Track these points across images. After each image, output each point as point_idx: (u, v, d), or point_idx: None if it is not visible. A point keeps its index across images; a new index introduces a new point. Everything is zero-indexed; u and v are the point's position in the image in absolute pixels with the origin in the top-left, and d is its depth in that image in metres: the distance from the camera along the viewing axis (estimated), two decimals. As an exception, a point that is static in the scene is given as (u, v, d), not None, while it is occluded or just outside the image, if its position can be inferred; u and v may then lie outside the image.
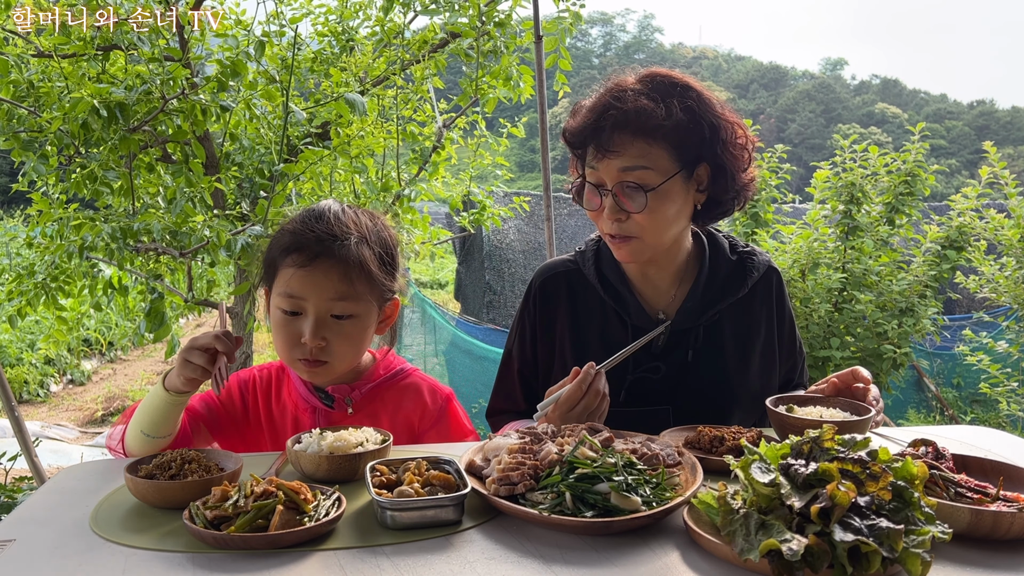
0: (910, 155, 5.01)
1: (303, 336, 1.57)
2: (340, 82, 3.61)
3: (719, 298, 1.77)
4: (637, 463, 1.26)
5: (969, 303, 8.68)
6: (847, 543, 0.93)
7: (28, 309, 3.58)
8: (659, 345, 1.75)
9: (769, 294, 1.84)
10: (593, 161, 1.63)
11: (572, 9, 3.82)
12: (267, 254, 1.66)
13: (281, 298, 1.59)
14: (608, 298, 1.78)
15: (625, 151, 1.58)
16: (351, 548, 1.10)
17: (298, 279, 1.56)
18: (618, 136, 1.58)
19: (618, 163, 1.59)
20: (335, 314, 1.59)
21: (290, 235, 1.61)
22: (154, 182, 3.68)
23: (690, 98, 1.61)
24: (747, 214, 5.53)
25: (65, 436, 6.98)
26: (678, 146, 1.60)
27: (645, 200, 1.58)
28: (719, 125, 1.63)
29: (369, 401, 1.72)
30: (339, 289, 1.57)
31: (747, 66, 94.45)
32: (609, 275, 1.79)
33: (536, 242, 9.31)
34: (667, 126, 1.57)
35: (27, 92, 3.22)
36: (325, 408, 1.70)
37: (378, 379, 1.74)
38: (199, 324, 12.07)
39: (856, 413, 1.54)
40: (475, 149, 4.37)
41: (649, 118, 1.56)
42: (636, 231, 1.63)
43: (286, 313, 1.59)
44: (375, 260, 1.61)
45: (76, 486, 1.38)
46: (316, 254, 1.56)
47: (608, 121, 1.58)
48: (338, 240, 1.58)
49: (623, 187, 1.59)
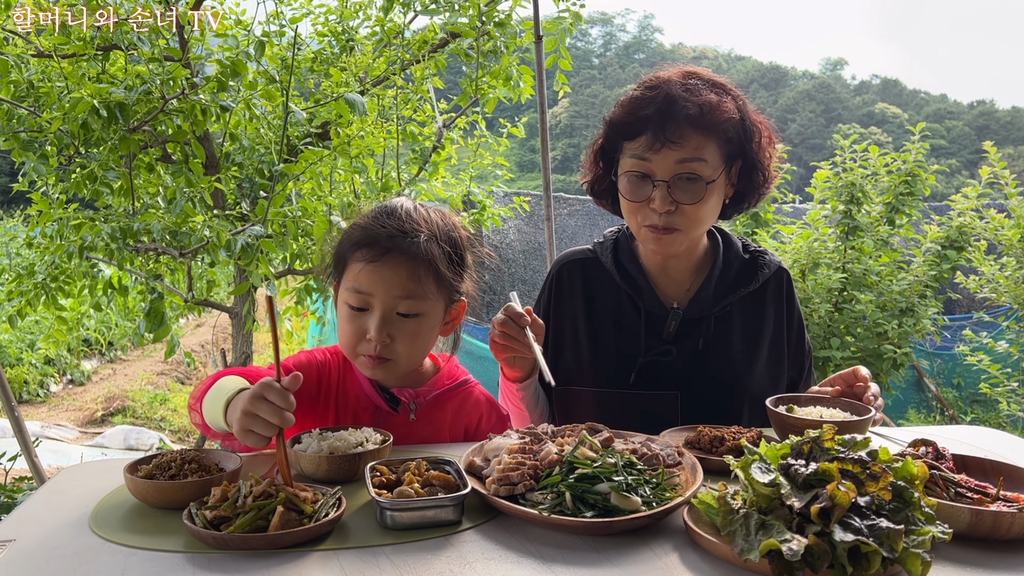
0: (910, 155, 5.02)
1: (368, 333, 1.55)
2: (340, 82, 3.61)
3: (731, 291, 1.82)
4: (637, 463, 1.26)
5: (969, 303, 8.68)
6: (847, 543, 0.93)
7: (28, 309, 3.58)
8: (671, 332, 1.79)
9: (780, 293, 1.88)
10: (645, 152, 1.64)
11: (572, 9, 3.82)
12: (337, 248, 1.65)
13: (349, 293, 1.58)
14: (624, 284, 1.83)
15: (686, 143, 1.62)
16: (351, 548, 1.10)
17: (366, 275, 1.55)
18: (683, 128, 1.61)
19: (676, 155, 1.62)
20: (401, 312, 1.57)
21: (361, 230, 1.60)
22: (154, 182, 3.68)
23: (738, 98, 1.70)
24: (747, 214, 5.53)
25: (65, 436, 6.98)
26: (728, 143, 1.67)
27: (702, 191, 1.63)
28: (755, 125, 1.72)
29: (432, 408, 1.69)
30: (407, 287, 1.55)
31: (747, 66, 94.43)
32: (626, 263, 1.85)
33: (536, 242, 9.32)
34: (728, 123, 1.64)
35: (27, 92, 3.22)
36: (388, 410, 1.67)
37: (442, 387, 1.72)
38: (199, 324, 12.07)
39: (856, 413, 1.54)
40: (475, 149, 4.37)
41: (717, 113, 1.62)
42: (682, 224, 1.67)
43: (353, 308, 1.58)
44: (444, 258, 1.60)
45: (76, 486, 1.37)
46: (386, 250, 1.55)
47: (679, 111, 1.60)
48: (408, 237, 1.57)
49: (678, 179, 1.63)
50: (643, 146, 1.64)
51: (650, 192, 1.65)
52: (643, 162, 1.65)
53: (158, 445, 6.66)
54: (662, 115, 1.61)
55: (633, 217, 1.72)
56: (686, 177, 1.62)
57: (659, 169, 1.64)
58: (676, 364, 1.78)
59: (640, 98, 1.67)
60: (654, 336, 1.79)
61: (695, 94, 1.62)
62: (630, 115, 1.67)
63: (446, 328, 1.71)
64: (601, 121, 1.80)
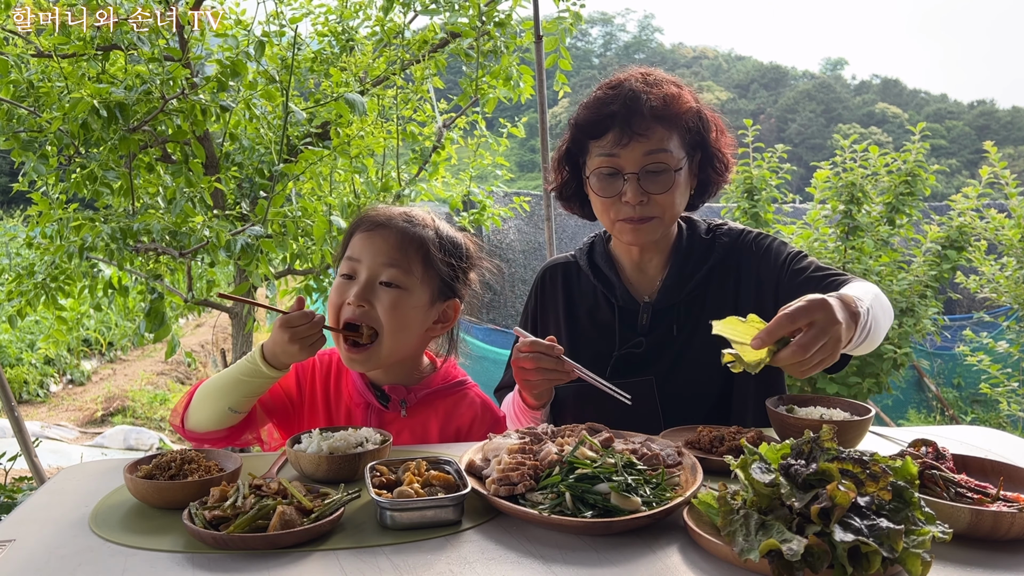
0: (910, 155, 5.02)
1: (348, 299, 1.59)
2: (340, 82, 3.61)
3: (695, 271, 1.84)
4: (637, 463, 1.26)
5: (969, 303, 8.68)
6: (847, 543, 0.93)
7: (28, 309, 3.58)
8: (644, 324, 1.84)
9: (748, 252, 1.85)
10: (612, 148, 1.70)
11: (572, 9, 3.82)
12: (344, 238, 1.72)
13: (342, 263, 1.65)
14: (598, 283, 1.91)
15: (651, 135, 1.69)
16: (351, 548, 1.10)
17: (359, 242, 1.64)
18: (647, 121, 1.68)
19: (643, 147, 1.68)
20: (384, 280, 1.60)
21: (362, 216, 1.70)
22: (154, 182, 3.68)
23: (693, 93, 1.79)
24: (747, 214, 5.54)
25: (65, 436, 6.98)
26: (688, 133, 1.74)
27: (670, 180, 1.70)
28: (711, 118, 1.80)
29: (423, 406, 1.71)
30: (392, 255, 1.61)
31: (747, 66, 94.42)
32: (600, 263, 1.92)
33: (536, 242, 9.32)
34: (689, 113, 1.72)
35: (27, 92, 3.22)
36: (379, 407, 1.69)
37: (435, 386, 1.74)
38: (199, 324, 12.07)
39: (856, 413, 1.54)
40: (475, 149, 4.37)
41: (678, 104, 1.70)
42: (656, 212, 1.73)
43: (343, 277, 1.64)
44: (437, 247, 1.66)
45: (76, 486, 1.38)
46: (381, 224, 1.65)
47: (642, 105, 1.67)
48: (406, 217, 1.67)
49: (646, 171, 1.69)
50: (610, 142, 1.70)
51: (621, 187, 1.71)
52: (612, 158, 1.71)
53: (158, 445, 6.66)
54: (627, 110, 1.68)
55: (606, 214, 1.78)
56: (653, 169, 1.69)
57: (627, 163, 1.70)
58: (651, 353, 1.83)
59: (603, 97, 1.73)
60: (629, 330, 1.85)
61: (656, 87, 1.70)
62: (595, 114, 1.72)
63: (439, 328, 1.72)
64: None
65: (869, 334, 1.42)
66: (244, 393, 1.57)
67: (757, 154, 5.59)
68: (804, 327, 1.25)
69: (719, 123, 1.83)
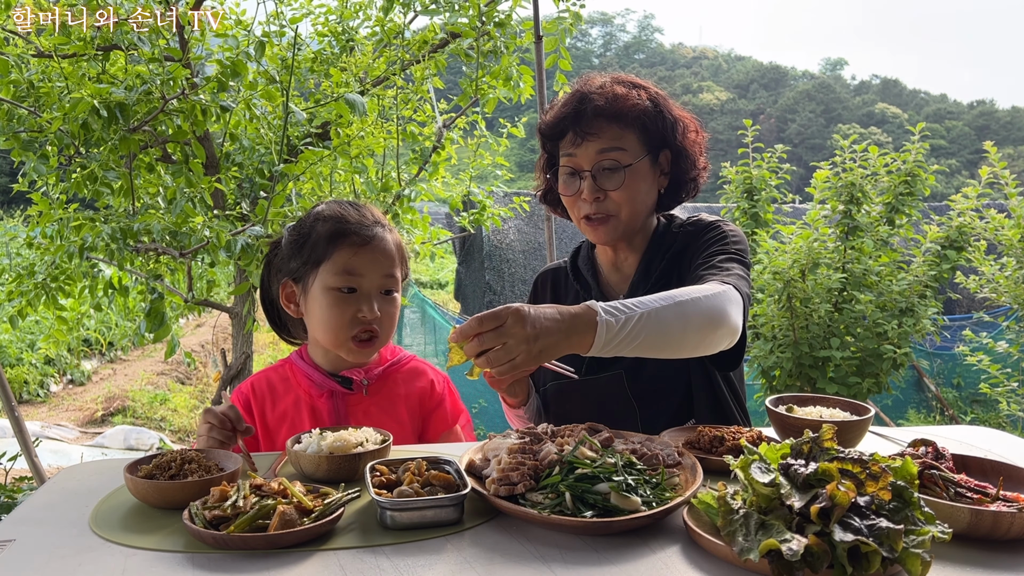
0: (910, 155, 5.02)
1: (360, 312, 1.68)
2: (340, 82, 3.60)
3: (660, 262, 1.88)
4: (637, 463, 1.26)
5: (969, 303, 8.69)
6: (847, 543, 0.93)
7: (28, 309, 3.58)
8: None
9: (693, 238, 1.87)
10: (570, 149, 1.80)
11: (572, 9, 3.82)
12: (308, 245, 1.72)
13: (338, 277, 1.68)
14: (576, 284, 1.99)
15: (603, 134, 1.76)
16: (351, 548, 1.10)
17: (358, 258, 1.69)
18: (596, 121, 1.76)
19: (596, 146, 1.76)
20: (385, 290, 1.73)
21: (335, 222, 1.71)
22: (154, 182, 3.68)
23: (652, 93, 1.83)
24: (747, 214, 5.54)
25: (65, 436, 6.99)
26: (645, 131, 1.79)
27: (622, 177, 1.76)
28: (677, 118, 1.84)
29: (383, 383, 1.82)
30: (388, 267, 1.73)
31: (747, 66, 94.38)
32: (581, 265, 2.01)
33: (536, 242, 9.32)
34: (637, 111, 1.77)
35: (27, 92, 3.21)
36: (343, 390, 1.77)
37: (386, 363, 1.85)
38: (199, 324, 12.08)
39: (856, 413, 1.54)
40: (475, 149, 4.36)
41: (623, 102, 1.76)
42: (613, 209, 1.79)
43: (341, 292, 1.69)
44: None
45: (76, 486, 1.38)
46: (372, 235, 1.71)
47: (588, 106, 1.76)
48: (379, 224, 1.75)
49: (600, 168, 1.76)
50: (568, 143, 1.80)
51: (579, 185, 1.79)
52: (570, 158, 1.80)
53: (158, 445, 6.66)
54: (576, 112, 1.77)
55: (572, 212, 1.86)
56: (607, 166, 1.76)
57: (583, 161, 1.78)
58: None
59: (561, 103, 1.84)
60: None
61: (604, 89, 1.78)
62: (553, 118, 1.83)
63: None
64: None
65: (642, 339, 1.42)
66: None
67: (757, 154, 5.59)
68: (490, 329, 1.32)
69: (690, 123, 1.87)
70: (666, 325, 1.44)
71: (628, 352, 1.43)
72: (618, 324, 1.38)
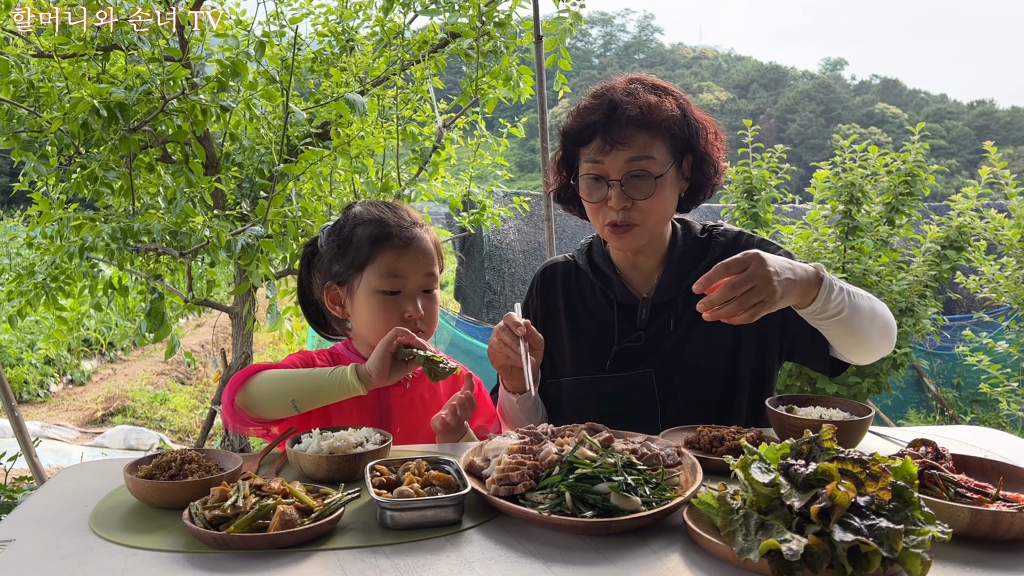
0: (910, 155, 5.01)
1: (407, 312, 1.72)
2: (340, 82, 3.60)
3: (691, 269, 1.86)
4: (637, 463, 1.26)
5: (969, 303, 8.68)
6: (847, 543, 0.93)
7: (28, 309, 3.58)
8: (643, 319, 1.88)
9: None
10: (597, 155, 1.76)
11: (572, 9, 3.81)
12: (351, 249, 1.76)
13: (383, 280, 1.73)
14: (597, 280, 1.95)
15: (632, 143, 1.72)
16: (351, 548, 1.10)
17: (402, 259, 1.73)
18: (627, 129, 1.72)
19: (625, 154, 1.72)
20: (426, 288, 1.77)
21: (376, 225, 1.75)
22: (154, 182, 3.67)
23: (679, 98, 1.81)
24: (747, 214, 5.53)
25: (65, 436, 6.98)
26: (673, 139, 1.77)
27: (652, 187, 1.73)
28: (700, 122, 1.82)
29: (424, 377, 1.81)
30: (429, 266, 1.77)
31: (747, 66, 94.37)
32: (598, 261, 1.97)
33: (536, 242, 9.32)
34: (669, 121, 1.74)
35: (27, 92, 3.21)
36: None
37: None
38: (199, 324, 12.07)
39: (856, 413, 1.54)
40: (475, 149, 4.36)
41: (657, 112, 1.73)
42: (639, 219, 1.76)
43: (387, 294, 1.73)
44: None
45: (76, 486, 1.38)
46: (412, 236, 1.75)
47: (621, 115, 1.71)
48: (416, 224, 1.79)
49: (630, 177, 1.73)
50: (595, 150, 1.76)
51: (606, 192, 1.76)
52: (597, 165, 1.76)
53: (158, 445, 6.66)
54: (607, 120, 1.74)
55: (595, 218, 1.83)
56: (636, 175, 1.73)
57: (611, 169, 1.74)
58: (649, 347, 1.86)
59: (587, 107, 1.80)
60: (628, 325, 1.88)
61: (635, 97, 1.74)
62: (580, 123, 1.79)
63: None
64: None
65: (846, 313, 1.52)
66: (317, 400, 1.63)
67: (757, 154, 5.58)
68: (736, 273, 1.37)
69: (711, 126, 1.85)
70: (860, 312, 1.54)
71: (825, 324, 1.48)
72: (834, 290, 1.43)
